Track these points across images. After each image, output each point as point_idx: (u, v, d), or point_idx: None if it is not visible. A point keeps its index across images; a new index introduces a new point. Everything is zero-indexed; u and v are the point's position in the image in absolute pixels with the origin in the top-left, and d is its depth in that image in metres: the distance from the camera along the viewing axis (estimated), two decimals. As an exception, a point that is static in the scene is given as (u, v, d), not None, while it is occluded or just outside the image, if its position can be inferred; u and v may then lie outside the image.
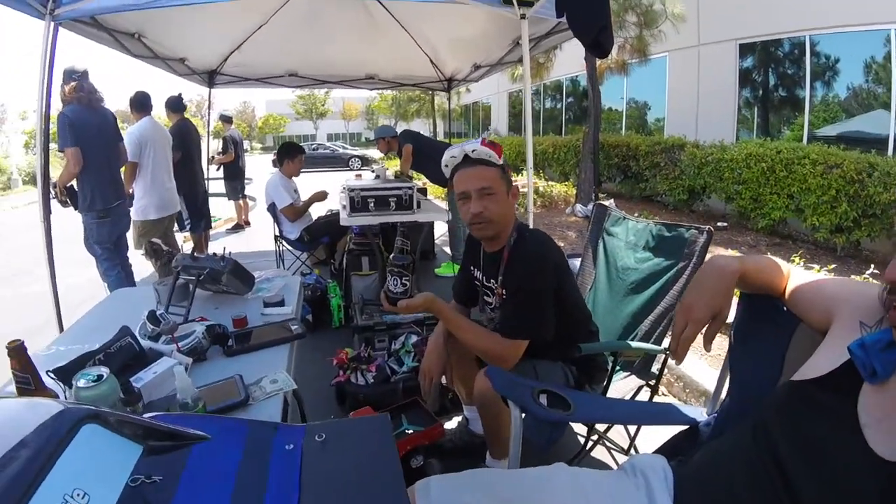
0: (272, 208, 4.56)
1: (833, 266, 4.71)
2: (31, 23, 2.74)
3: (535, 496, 1.12)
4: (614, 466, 2.15)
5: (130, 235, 4.13)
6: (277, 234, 4.77)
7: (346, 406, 2.61)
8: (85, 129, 3.53)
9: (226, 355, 1.54)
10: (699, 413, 1.56)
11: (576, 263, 2.89)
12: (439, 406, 2.54)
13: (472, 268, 2.06)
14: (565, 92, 16.32)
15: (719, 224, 8.01)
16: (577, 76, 14.69)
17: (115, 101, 17.32)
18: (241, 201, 8.23)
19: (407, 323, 3.10)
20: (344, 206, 3.95)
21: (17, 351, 1.13)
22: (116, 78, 23.00)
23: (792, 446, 0.90)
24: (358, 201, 3.70)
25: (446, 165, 1.91)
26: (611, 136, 11.11)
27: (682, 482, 1.12)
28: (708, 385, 2.68)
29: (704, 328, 1.09)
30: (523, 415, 1.39)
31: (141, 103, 4.46)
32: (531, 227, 2.09)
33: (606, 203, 2.81)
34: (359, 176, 5.31)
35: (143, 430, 0.79)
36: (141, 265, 4.08)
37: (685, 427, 1.47)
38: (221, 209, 8.60)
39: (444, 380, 2.11)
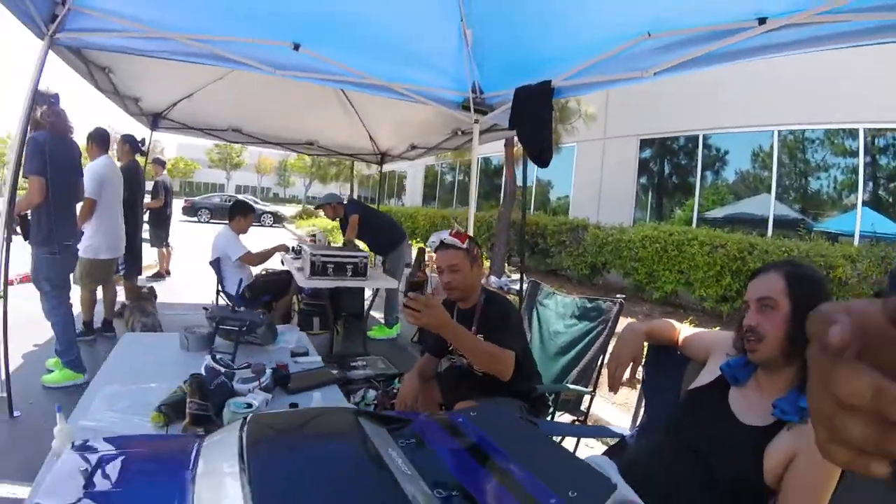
0: (216, 263, 4.63)
1: (718, 328, 5.58)
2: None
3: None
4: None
5: (75, 272, 3.97)
6: (220, 288, 4.81)
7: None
8: (55, 159, 3.43)
9: (287, 393, 1.93)
10: (625, 430, 2.12)
11: None
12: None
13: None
14: (478, 169, 17.51)
15: (617, 296, 8.94)
16: (490, 157, 15.94)
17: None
18: (164, 249, 7.91)
19: (361, 379, 3.44)
20: (300, 269, 4.25)
21: (198, 384, 1.47)
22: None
23: (694, 429, 1.47)
24: (318, 265, 4.03)
25: (430, 246, 2.45)
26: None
27: (624, 467, 1.65)
28: (618, 423, 3.29)
29: (628, 369, 1.75)
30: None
31: (102, 139, 4.44)
32: None
33: (536, 280, 3.45)
34: (312, 239, 5.54)
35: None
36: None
37: (616, 440, 2.02)
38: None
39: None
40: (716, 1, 2.29)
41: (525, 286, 3.47)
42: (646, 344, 1.89)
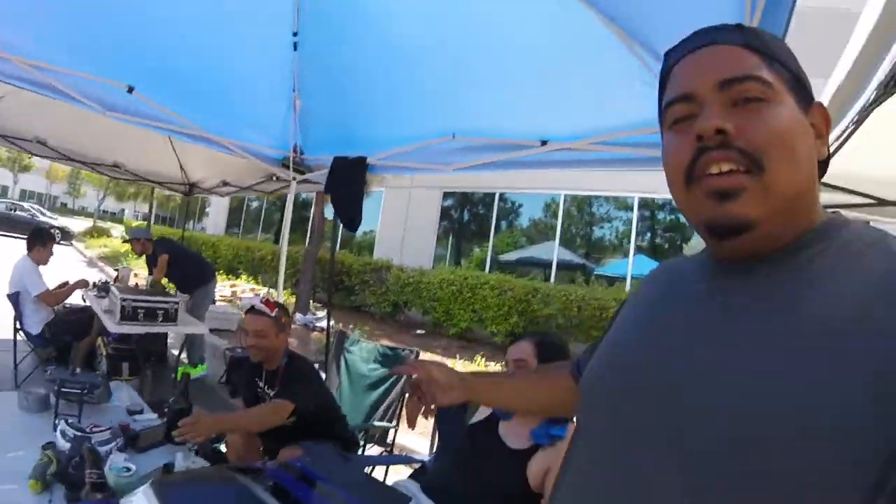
0: (15, 296, 4.32)
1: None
2: None
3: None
4: None
5: None
6: (18, 325, 4.42)
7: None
8: None
9: (137, 452, 2.10)
10: (424, 457, 2.64)
11: None
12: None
13: (255, 378, 2.85)
14: (286, 202, 17.44)
15: (418, 331, 9.73)
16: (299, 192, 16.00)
17: None
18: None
19: None
20: (108, 311, 4.13)
21: (93, 455, 1.69)
22: None
23: (474, 454, 2.01)
24: (129, 310, 3.93)
25: (243, 306, 2.76)
26: (328, 253, 12.48)
27: (426, 486, 2.15)
28: (419, 449, 3.84)
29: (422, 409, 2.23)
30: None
31: None
32: None
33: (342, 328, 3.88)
34: (118, 280, 5.23)
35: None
36: None
37: (418, 465, 2.53)
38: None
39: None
40: (509, 123, 2.93)
41: (332, 331, 3.87)
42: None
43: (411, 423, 2.26)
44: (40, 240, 4.51)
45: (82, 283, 4.82)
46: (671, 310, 0.73)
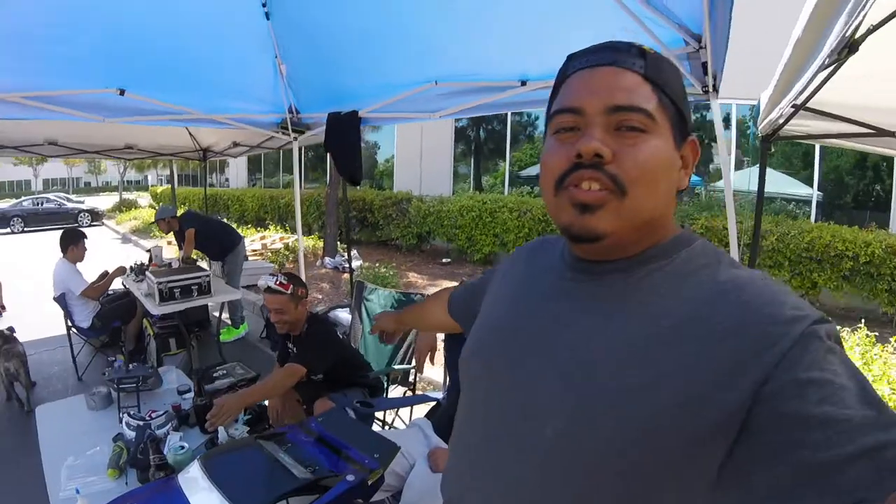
0: (62, 298, 4.57)
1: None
2: None
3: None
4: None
5: None
6: (69, 323, 4.71)
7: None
8: None
9: (189, 427, 2.43)
10: (439, 395, 2.88)
11: (338, 314, 4.19)
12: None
13: (287, 342, 3.08)
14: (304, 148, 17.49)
15: (444, 260, 9.96)
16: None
17: None
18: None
19: (227, 388, 3.76)
20: (148, 295, 4.36)
21: (155, 443, 2.04)
22: None
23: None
24: (166, 292, 4.18)
25: (261, 286, 2.92)
26: (349, 192, 12.61)
27: (436, 425, 2.38)
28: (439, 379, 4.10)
29: (427, 357, 2.39)
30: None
31: None
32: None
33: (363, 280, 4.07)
34: (153, 262, 5.41)
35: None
36: None
37: (434, 402, 2.77)
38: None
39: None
40: (490, 65, 2.95)
41: (355, 272, 4.03)
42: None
43: (419, 369, 2.48)
44: (72, 241, 4.67)
45: (120, 271, 5.02)
46: (530, 300, 0.83)
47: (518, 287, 0.88)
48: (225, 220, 7.78)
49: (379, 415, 3.30)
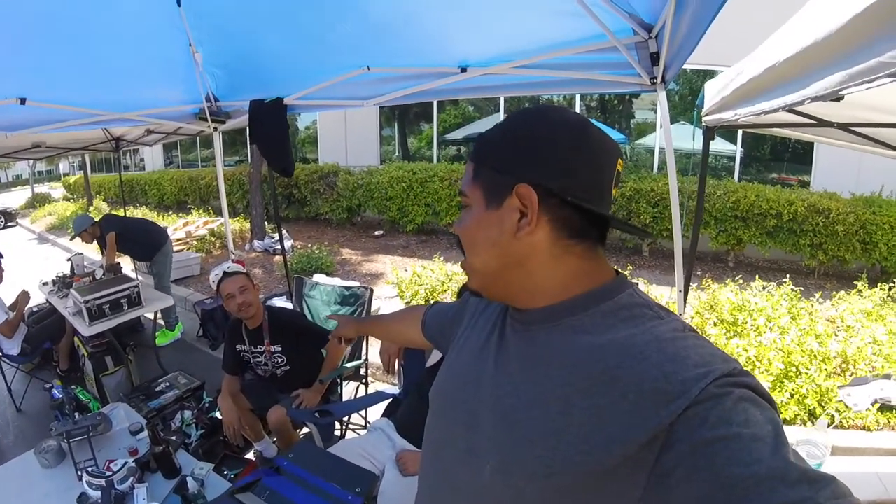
0: None
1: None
2: None
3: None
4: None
5: None
6: None
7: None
8: None
9: (152, 472, 2.27)
10: (396, 390, 2.86)
11: (275, 304, 4.07)
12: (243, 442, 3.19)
13: (237, 346, 2.97)
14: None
15: (376, 233, 9.85)
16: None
17: None
18: None
19: (173, 402, 3.58)
20: (76, 313, 3.98)
21: None
22: None
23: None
24: (94, 310, 3.83)
25: (214, 279, 2.79)
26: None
27: (398, 425, 2.37)
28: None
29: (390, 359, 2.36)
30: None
31: None
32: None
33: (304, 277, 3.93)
34: (75, 275, 4.86)
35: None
36: None
37: (390, 399, 2.75)
38: None
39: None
40: (426, 50, 2.83)
41: (286, 245, 3.86)
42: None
43: (388, 371, 2.46)
44: None
45: (25, 298, 4.50)
46: (476, 349, 0.90)
47: (479, 333, 0.93)
48: (147, 218, 7.34)
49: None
